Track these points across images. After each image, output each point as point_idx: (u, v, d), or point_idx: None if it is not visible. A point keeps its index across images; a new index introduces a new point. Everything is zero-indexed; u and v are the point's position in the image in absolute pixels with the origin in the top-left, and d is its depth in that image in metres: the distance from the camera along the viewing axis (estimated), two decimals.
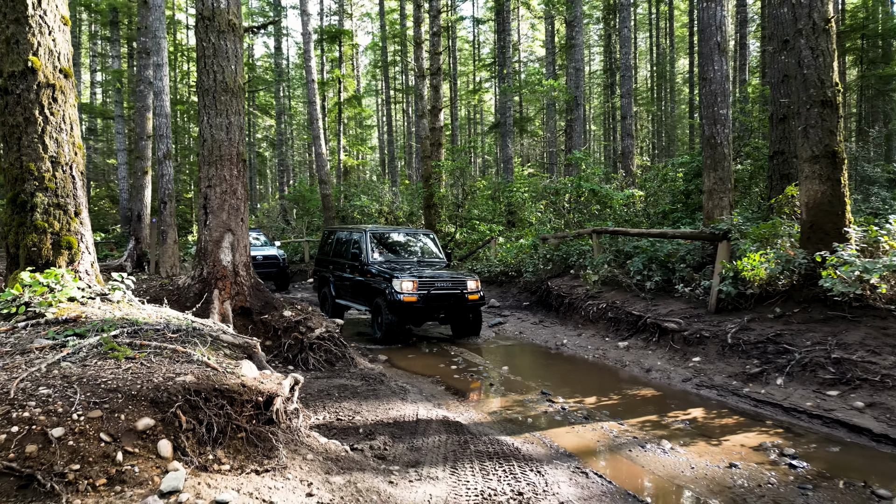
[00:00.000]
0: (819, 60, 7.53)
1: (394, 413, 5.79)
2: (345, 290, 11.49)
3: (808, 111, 7.64)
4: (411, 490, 3.93)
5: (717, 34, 9.82)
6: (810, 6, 7.54)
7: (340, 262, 11.67)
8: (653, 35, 40.26)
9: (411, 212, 24.46)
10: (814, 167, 7.62)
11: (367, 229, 11.21)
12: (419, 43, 22.03)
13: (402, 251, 11.43)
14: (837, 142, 7.57)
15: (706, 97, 10.11)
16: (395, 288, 9.60)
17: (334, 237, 12.42)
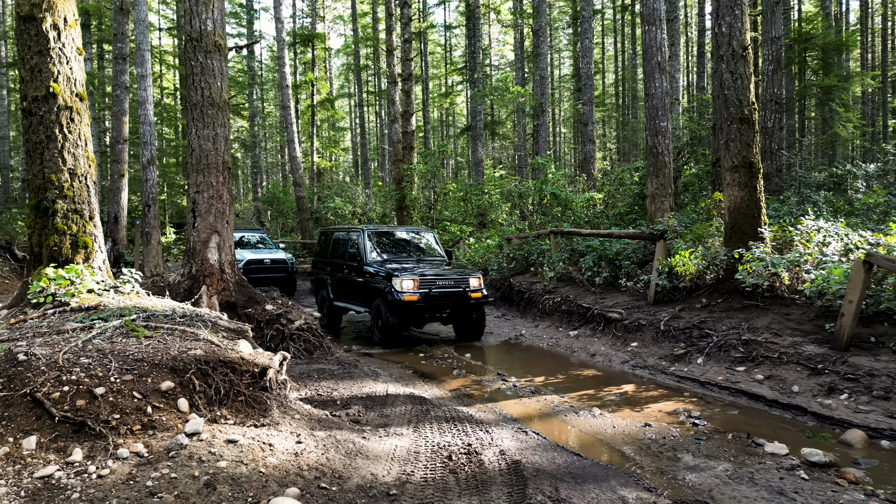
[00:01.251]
0: (738, 83, 8.63)
1: (366, 390, 6.69)
2: (343, 292, 11.18)
3: (729, 127, 8.74)
4: (380, 442, 4.83)
5: (657, 55, 10.91)
6: (730, 35, 8.64)
7: (338, 262, 11.40)
8: (617, 42, 41.70)
9: (384, 213, 25.30)
10: (734, 175, 8.72)
11: (366, 228, 10.90)
12: (391, 50, 22.90)
13: (402, 250, 11.12)
14: (754, 153, 8.68)
15: (649, 111, 11.20)
16: (396, 287, 9.35)
17: (332, 237, 12.10)
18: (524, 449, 4.93)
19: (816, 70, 23.74)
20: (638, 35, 41.86)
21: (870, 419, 5.54)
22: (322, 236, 12.59)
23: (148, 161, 14.27)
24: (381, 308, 9.68)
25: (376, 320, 9.88)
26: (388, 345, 9.58)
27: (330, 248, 12.00)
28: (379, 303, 9.73)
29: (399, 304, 9.34)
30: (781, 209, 12.02)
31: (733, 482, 4.35)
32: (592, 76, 23.88)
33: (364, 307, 10.42)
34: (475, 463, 4.51)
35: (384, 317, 9.59)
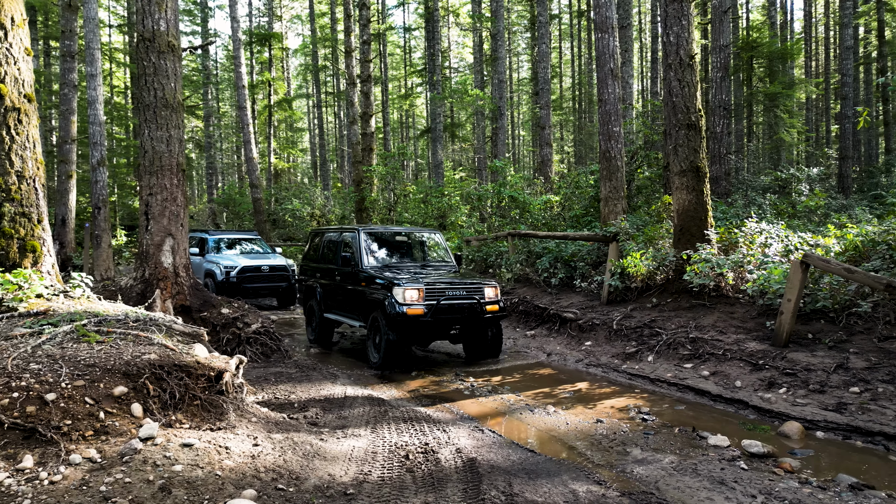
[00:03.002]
0: (685, 90, 8.97)
1: (325, 392, 6.71)
2: (335, 302, 9.61)
3: (678, 132, 9.06)
4: (338, 444, 4.87)
5: (610, 61, 11.22)
6: (678, 45, 8.97)
7: (329, 268, 9.81)
8: (573, 47, 42.45)
9: (343, 215, 25.20)
10: (682, 180, 9.05)
11: (361, 228, 9.33)
12: (349, 51, 22.83)
13: (404, 253, 9.63)
14: (701, 158, 9.03)
15: (603, 116, 11.51)
16: (397, 298, 7.80)
17: (321, 239, 10.55)
18: (480, 447, 5.04)
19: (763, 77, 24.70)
20: (593, 40, 42.73)
21: (806, 411, 5.85)
22: (312, 237, 11.08)
23: (98, 162, 13.92)
24: (379, 323, 8.13)
25: (373, 337, 8.39)
26: (388, 366, 8.10)
27: (321, 251, 10.40)
28: (377, 316, 8.19)
29: (401, 318, 7.77)
30: (728, 212, 12.50)
31: (678, 474, 4.56)
32: (549, 80, 24.27)
33: (359, 321, 8.83)
34: (431, 461, 4.60)
35: (383, 334, 8.03)
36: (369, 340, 8.47)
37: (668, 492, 4.23)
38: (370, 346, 8.44)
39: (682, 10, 8.98)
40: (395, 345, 7.96)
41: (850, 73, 21.16)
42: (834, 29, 29.56)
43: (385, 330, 7.96)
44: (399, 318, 7.77)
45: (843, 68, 21.43)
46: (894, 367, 6.01)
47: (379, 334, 8.18)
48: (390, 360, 8.06)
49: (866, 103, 26.46)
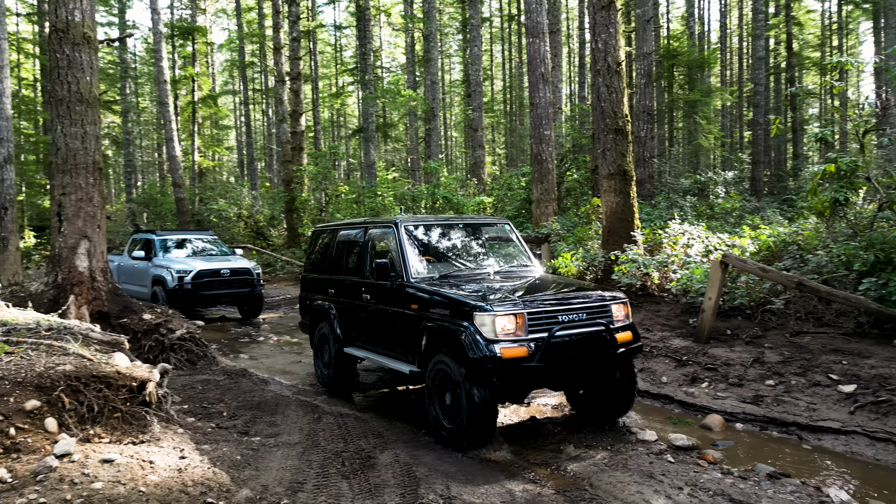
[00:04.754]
0: (613, 96, 9.26)
1: (256, 399, 6.49)
2: (361, 332, 6.72)
3: (606, 137, 9.35)
4: (271, 452, 4.73)
5: (541, 66, 11.45)
6: (605, 51, 9.25)
7: (349, 282, 6.87)
8: (505, 50, 43.11)
9: (272, 216, 24.58)
10: (610, 182, 9.34)
11: (401, 221, 6.28)
12: (278, 48, 22.30)
13: (464, 255, 6.52)
14: (628, 162, 9.35)
15: (534, 119, 11.73)
16: (484, 331, 4.81)
17: (332, 240, 7.55)
18: (418, 450, 5.01)
19: (683, 85, 25.87)
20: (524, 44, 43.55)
21: (726, 405, 6.15)
22: (316, 238, 8.08)
23: (4, 159, 12.98)
24: (450, 370, 5.04)
25: (437, 393, 5.28)
26: (473, 442, 4.97)
27: (332, 257, 7.42)
28: (445, 360, 5.12)
29: (493, 365, 4.73)
30: (653, 213, 13.01)
31: (609, 469, 4.68)
32: (481, 83, 24.55)
33: (406, 363, 5.81)
34: (369, 467, 4.53)
35: (462, 390, 4.89)
36: (431, 398, 5.31)
37: (601, 487, 4.34)
38: (433, 407, 5.30)
39: (609, 18, 9.27)
40: (483, 409, 4.81)
41: (761, 83, 22.45)
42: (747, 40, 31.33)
43: (465, 384, 4.85)
44: (489, 365, 4.71)
45: (756, 78, 22.72)
46: (805, 360, 6.41)
47: (452, 390, 5.08)
48: (477, 433, 4.90)
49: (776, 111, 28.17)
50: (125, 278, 13.17)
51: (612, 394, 5.69)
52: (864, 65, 8.76)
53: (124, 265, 13.51)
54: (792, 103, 26.27)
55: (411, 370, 5.65)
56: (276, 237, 24.11)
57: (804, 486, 4.34)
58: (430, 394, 5.37)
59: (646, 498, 4.16)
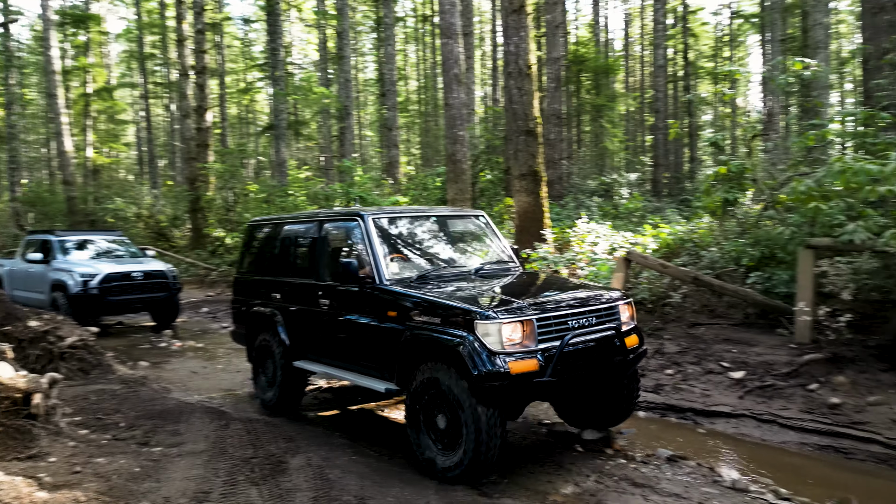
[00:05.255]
0: (524, 98, 9.49)
1: (157, 408, 6.14)
2: (318, 342, 5.75)
3: (517, 138, 9.57)
4: (174, 462, 4.49)
5: (455, 67, 11.56)
6: (517, 54, 9.46)
7: (301, 284, 5.90)
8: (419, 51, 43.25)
9: (175, 216, 23.43)
10: (522, 183, 9.57)
11: (367, 213, 5.39)
12: (182, 40, 21.30)
13: (436, 251, 5.80)
14: (538, 163, 9.61)
15: (448, 120, 11.82)
16: (489, 342, 4.11)
17: (277, 235, 6.48)
18: (332, 453, 4.92)
19: (590, 89, 26.91)
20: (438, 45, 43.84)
21: None
22: (253, 232, 7.00)
23: None
24: (446, 390, 4.29)
25: (426, 417, 4.49)
26: (479, 472, 4.25)
27: (276, 255, 6.41)
28: (437, 379, 4.36)
29: (500, 381, 4.06)
30: (562, 213, 13.47)
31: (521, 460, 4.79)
32: (396, 82, 24.49)
33: (381, 379, 4.97)
34: (280, 472, 4.40)
35: (467, 412, 4.17)
36: (417, 421, 4.52)
37: (514, 479, 4.42)
38: (422, 436, 4.49)
39: (520, 22, 9.48)
40: (491, 432, 4.13)
41: (661, 90, 23.73)
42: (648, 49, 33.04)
43: (468, 405, 4.12)
44: (496, 383, 4.03)
45: (656, 85, 24.00)
46: (700, 350, 6.82)
47: (448, 411, 4.32)
48: (484, 462, 4.16)
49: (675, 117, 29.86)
50: (18, 284, 11.85)
51: (609, 403, 5.14)
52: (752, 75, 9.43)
53: (17, 270, 12.09)
54: (689, 109, 27.94)
55: (388, 388, 4.78)
56: (179, 238, 22.99)
57: (700, 468, 4.62)
58: (414, 416, 4.51)
59: (555, 487, 4.28)
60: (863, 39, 9.76)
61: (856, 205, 6.31)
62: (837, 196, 6.38)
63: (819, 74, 9.36)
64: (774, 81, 8.56)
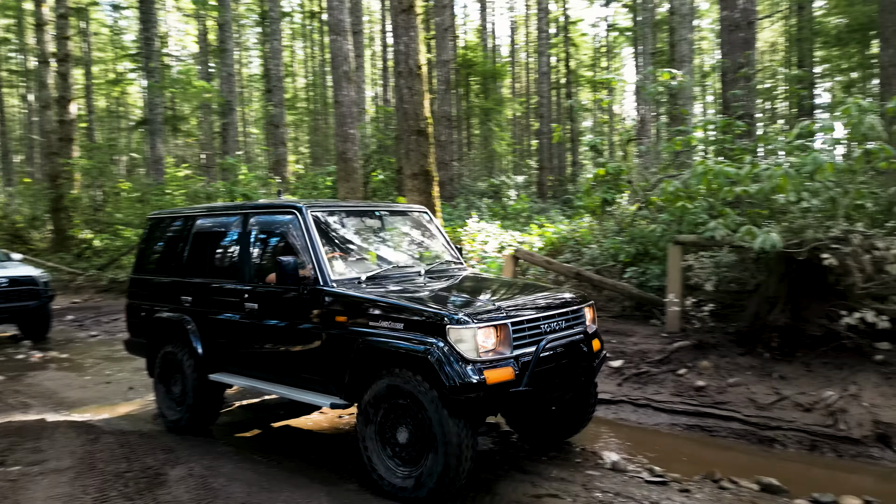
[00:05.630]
0: (415, 98, 9.53)
1: (13, 426, 5.56)
2: (241, 352, 5.10)
3: (409, 138, 9.60)
4: (35, 482, 4.07)
5: (344, 64, 11.41)
6: (407, 54, 9.49)
7: (220, 287, 5.23)
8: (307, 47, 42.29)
9: (34, 216, 21.34)
10: (414, 182, 9.61)
11: (305, 206, 4.76)
12: (41, 25, 19.46)
13: (381, 250, 5.25)
14: (430, 163, 9.69)
15: (339, 117, 11.65)
16: (461, 350, 3.76)
17: (188, 231, 5.69)
18: (216, 462, 4.67)
19: (478, 93, 27.58)
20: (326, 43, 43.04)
21: None
22: (158, 227, 6.19)
23: None
24: (418, 404, 3.85)
25: (382, 434, 4.10)
26: (440, 498, 3.87)
27: (187, 253, 5.62)
28: (399, 390, 3.95)
29: (476, 393, 3.74)
30: (453, 213, 13.68)
31: None
32: (282, 78, 23.79)
33: (324, 393, 4.45)
34: (158, 484, 4.12)
35: (436, 427, 3.77)
36: (373, 438, 4.08)
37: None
38: (377, 452, 4.06)
39: (409, 22, 9.52)
40: (463, 446, 3.80)
41: (546, 96, 24.74)
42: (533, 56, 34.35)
43: (438, 417, 3.74)
44: (472, 395, 3.72)
45: (541, 91, 24.99)
46: None
47: (409, 426, 3.94)
48: (454, 479, 3.81)
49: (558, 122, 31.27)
50: None
51: (568, 412, 4.87)
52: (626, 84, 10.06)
53: None
54: (570, 115, 29.36)
55: (334, 403, 4.28)
56: (39, 240, 20.95)
57: (584, 452, 4.86)
58: (369, 432, 4.05)
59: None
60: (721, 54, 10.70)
61: (716, 204, 6.91)
62: (701, 196, 6.96)
63: (684, 85, 10.16)
64: (646, 90, 9.19)
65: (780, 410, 5.30)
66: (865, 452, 4.76)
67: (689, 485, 4.19)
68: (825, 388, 5.35)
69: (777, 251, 5.57)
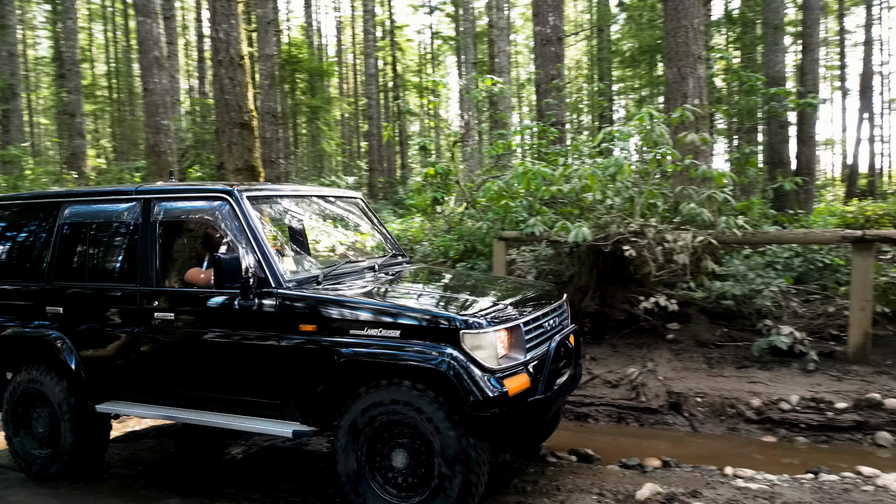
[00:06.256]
0: (237, 89, 9.03)
1: None
2: (150, 376, 4.10)
3: (231, 131, 9.06)
4: None
5: (154, 49, 10.49)
6: (228, 42, 8.96)
7: (112, 294, 4.20)
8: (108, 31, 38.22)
9: None
10: (238, 178, 9.08)
11: (237, 188, 3.92)
12: None
13: (322, 242, 4.92)
14: (255, 158, 9.24)
15: (149, 107, 10.67)
16: (480, 358, 3.27)
17: (53, 223, 4.45)
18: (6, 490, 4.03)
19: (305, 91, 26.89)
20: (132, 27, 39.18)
21: None
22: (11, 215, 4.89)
23: None
24: (425, 423, 3.31)
25: (372, 465, 3.49)
26: None
27: (54, 252, 4.42)
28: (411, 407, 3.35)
29: (499, 407, 3.25)
30: None
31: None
32: (79, 62, 21.26)
33: (282, 419, 3.72)
34: None
35: (452, 449, 3.27)
36: (360, 472, 3.46)
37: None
38: (366, 481, 3.46)
39: (230, 9, 8.99)
40: (480, 471, 3.36)
41: (374, 97, 24.89)
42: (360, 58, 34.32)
43: (455, 438, 3.26)
44: (496, 409, 3.24)
45: (369, 92, 25.08)
46: None
47: (410, 448, 3.40)
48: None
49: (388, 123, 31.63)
50: None
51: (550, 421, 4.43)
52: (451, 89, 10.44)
53: None
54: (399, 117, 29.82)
55: (297, 430, 3.58)
56: None
57: None
58: (355, 465, 3.44)
59: None
60: (535, 66, 11.57)
61: (535, 203, 7.43)
62: (521, 196, 7.44)
63: (504, 92, 10.81)
64: (470, 94, 9.62)
65: (592, 388, 5.83)
66: (662, 420, 5.41)
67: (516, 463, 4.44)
68: (629, 365, 5.99)
69: (587, 244, 6.13)
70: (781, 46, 13.59)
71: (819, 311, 6.36)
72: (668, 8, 7.96)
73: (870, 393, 5.05)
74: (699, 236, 6.12)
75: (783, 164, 13.46)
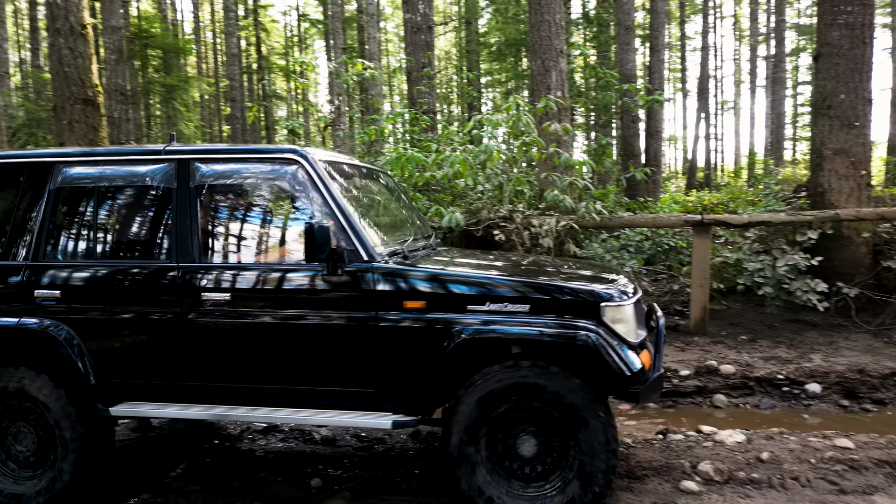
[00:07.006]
0: (79, 62, 8.16)
1: None
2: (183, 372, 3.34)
3: (73, 107, 8.19)
4: None
5: None
6: (67, 9, 8.06)
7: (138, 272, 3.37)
8: None
9: None
10: None
11: (307, 152, 3.35)
12: None
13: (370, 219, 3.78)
14: (101, 137, 8.42)
15: None
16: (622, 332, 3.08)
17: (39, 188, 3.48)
18: None
19: (159, 69, 24.95)
20: None
21: None
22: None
23: None
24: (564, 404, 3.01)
25: (492, 452, 3.13)
26: None
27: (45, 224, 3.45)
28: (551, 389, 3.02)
29: (639, 385, 3.10)
30: None
31: None
32: None
33: (381, 411, 3.24)
34: None
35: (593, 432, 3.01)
36: (476, 461, 3.09)
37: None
38: (483, 470, 3.08)
39: None
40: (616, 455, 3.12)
41: (237, 79, 23.61)
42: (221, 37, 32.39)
43: (598, 419, 3.02)
44: (638, 385, 3.10)
45: (231, 73, 23.76)
46: None
47: (540, 434, 3.12)
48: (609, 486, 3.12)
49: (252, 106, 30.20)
50: None
51: None
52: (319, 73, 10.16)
53: None
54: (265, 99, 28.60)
55: (397, 421, 3.18)
56: None
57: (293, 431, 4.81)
58: (469, 454, 3.07)
59: None
60: (406, 54, 11.57)
61: (409, 189, 7.45)
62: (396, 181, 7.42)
63: (375, 76, 10.70)
64: (340, 77, 9.43)
65: None
66: None
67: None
68: None
69: (460, 229, 6.27)
70: (632, 46, 14.70)
71: (666, 289, 6.98)
72: (532, 2, 8.29)
73: (708, 361, 5.63)
74: (562, 221, 6.47)
75: (635, 156, 14.63)
